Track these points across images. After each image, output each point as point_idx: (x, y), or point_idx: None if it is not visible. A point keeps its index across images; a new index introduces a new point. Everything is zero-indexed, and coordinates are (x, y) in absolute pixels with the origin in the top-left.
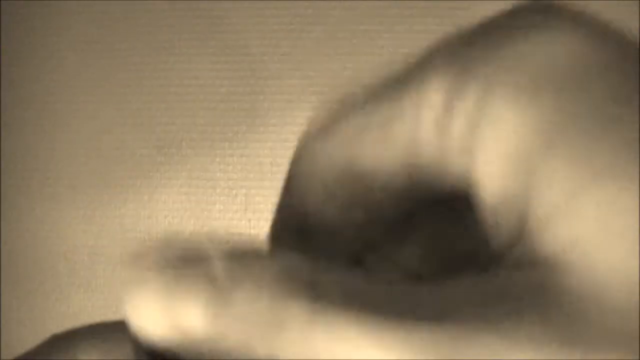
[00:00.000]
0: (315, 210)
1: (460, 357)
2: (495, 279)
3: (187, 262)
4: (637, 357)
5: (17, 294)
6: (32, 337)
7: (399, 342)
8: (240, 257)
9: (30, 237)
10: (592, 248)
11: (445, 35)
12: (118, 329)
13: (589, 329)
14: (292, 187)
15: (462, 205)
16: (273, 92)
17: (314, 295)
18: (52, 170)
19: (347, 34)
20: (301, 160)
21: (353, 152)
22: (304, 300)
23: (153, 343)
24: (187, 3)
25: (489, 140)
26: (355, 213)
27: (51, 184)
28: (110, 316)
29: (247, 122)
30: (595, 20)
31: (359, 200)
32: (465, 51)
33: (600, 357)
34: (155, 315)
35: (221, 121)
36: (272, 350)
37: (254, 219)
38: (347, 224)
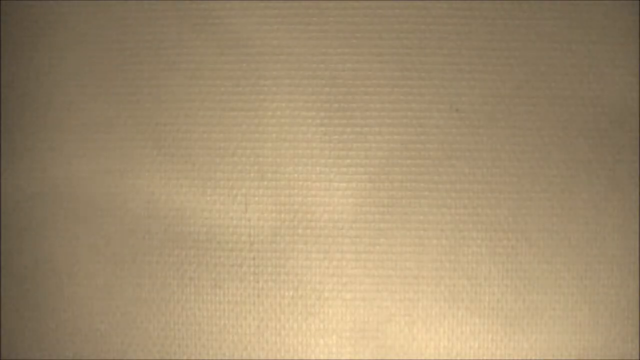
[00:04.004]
0: None
1: None
2: None
3: None
4: None
5: (17, 294)
6: (33, 337)
7: None
8: None
9: (30, 236)
10: None
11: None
12: None
13: None
14: None
15: None
16: (273, 92)
17: None
18: (51, 170)
19: (347, 34)
20: None
21: None
22: None
23: None
24: (187, 3)
25: None
26: None
27: (51, 184)
28: (110, 315)
29: (247, 122)
30: None
31: None
32: None
33: None
34: None
35: (221, 121)
36: None
37: (253, 218)
38: None
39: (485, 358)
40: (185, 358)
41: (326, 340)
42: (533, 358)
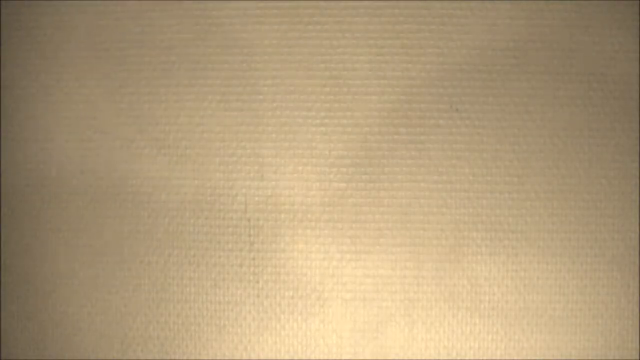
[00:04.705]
0: None
1: None
2: None
3: None
4: None
5: (17, 294)
6: (33, 337)
7: None
8: None
9: (30, 236)
10: None
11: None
12: None
13: None
14: None
15: None
16: (273, 92)
17: None
18: (52, 171)
19: (347, 34)
20: None
21: None
22: None
23: None
24: (187, 3)
25: None
26: None
27: (51, 184)
28: (110, 315)
29: (247, 122)
30: None
31: None
32: None
33: None
34: None
35: (221, 121)
36: None
37: (253, 218)
38: None
39: (485, 358)
40: (185, 358)
41: (326, 340)
42: (533, 358)
